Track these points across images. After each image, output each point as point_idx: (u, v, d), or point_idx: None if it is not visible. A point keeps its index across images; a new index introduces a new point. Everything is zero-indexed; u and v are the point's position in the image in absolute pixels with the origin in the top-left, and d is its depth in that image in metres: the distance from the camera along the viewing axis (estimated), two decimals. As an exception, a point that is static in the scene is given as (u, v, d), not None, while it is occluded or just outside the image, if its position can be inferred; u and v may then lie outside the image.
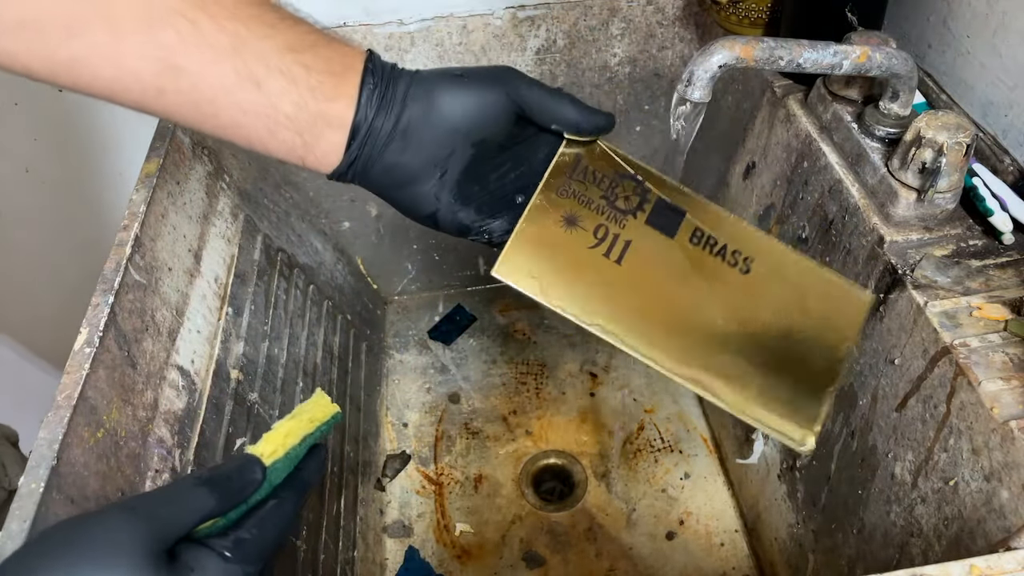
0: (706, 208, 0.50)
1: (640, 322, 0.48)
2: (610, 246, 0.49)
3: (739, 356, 0.48)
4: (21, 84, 0.91)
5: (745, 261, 0.49)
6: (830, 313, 0.49)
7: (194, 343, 0.62)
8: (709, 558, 0.81)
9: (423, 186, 0.47)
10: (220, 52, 0.40)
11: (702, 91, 0.53)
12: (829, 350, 0.49)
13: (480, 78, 0.46)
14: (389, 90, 0.45)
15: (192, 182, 0.68)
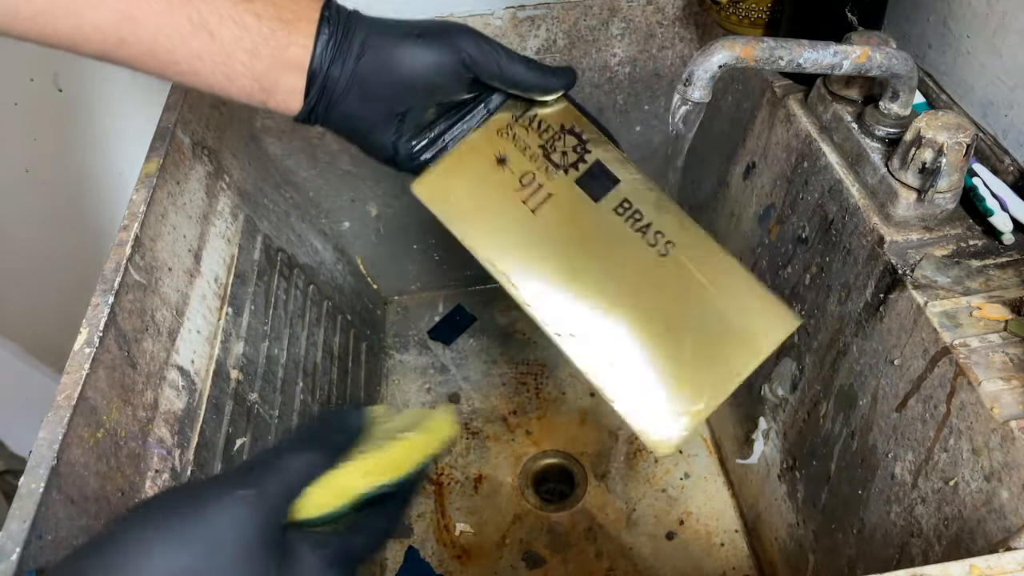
0: (647, 189, 0.49)
1: (533, 270, 0.48)
2: (531, 194, 0.50)
3: (623, 333, 0.46)
4: (21, 84, 0.91)
5: (666, 245, 0.48)
6: (748, 326, 0.46)
7: (194, 343, 0.62)
8: (709, 558, 0.81)
9: (381, 135, 0.49)
10: (173, 2, 0.43)
11: (702, 91, 0.53)
12: (731, 363, 0.46)
13: (436, 36, 0.47)
14: (346, 40, 0.46)
15: (192, 182, 0.68)
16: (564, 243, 0.49)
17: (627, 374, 0.45)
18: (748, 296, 0.46)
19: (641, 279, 0.47)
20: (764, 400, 0.74)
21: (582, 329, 0.47)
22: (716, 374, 0.46)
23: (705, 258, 0.47)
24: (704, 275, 0.46)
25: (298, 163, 0.90)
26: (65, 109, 0.94)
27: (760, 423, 0.75)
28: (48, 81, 0.91)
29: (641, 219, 0.48)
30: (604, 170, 0.49)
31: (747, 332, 0.44)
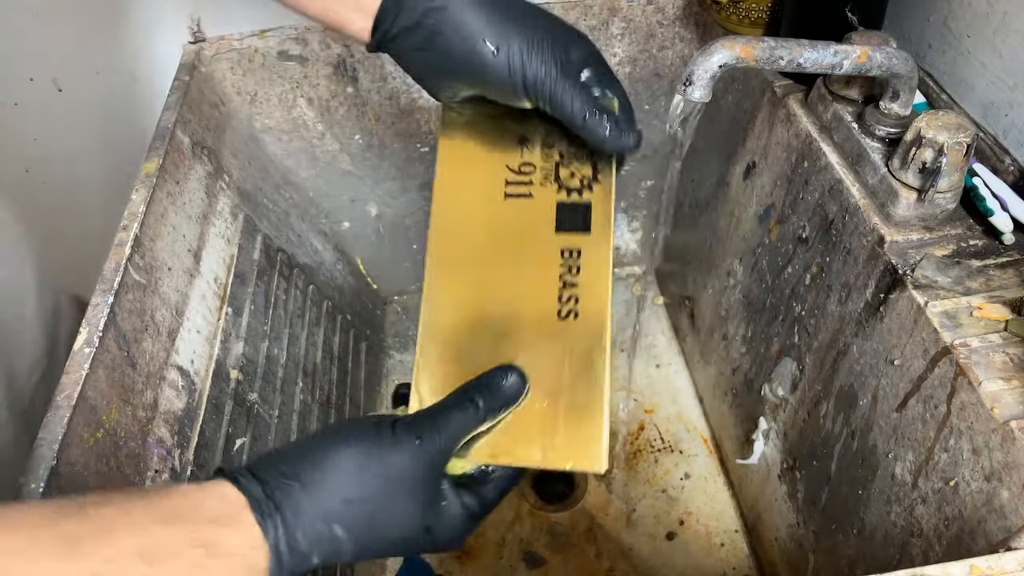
0: (602, 257, 0.47)
1: (454, 247, 0.48)
2: (517, 182, 0.49)
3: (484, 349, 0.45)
4: (21, 84, 0.91)
5: (570, 313, 0.46)
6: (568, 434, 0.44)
7: (194, 343, 0.62)
8: (709, 558, 0.80)
9: (431, 85, 0.49)
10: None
11: (702, 91, 0.53)
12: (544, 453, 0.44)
13: (499, 43, 0.46)
14: (416, 10, 0.46)
15: (192, 182, 0.68)
16: (500, 242, 0.48)
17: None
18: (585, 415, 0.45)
19: (530, 321, 0.46)
20: (764, 400, 0.74)
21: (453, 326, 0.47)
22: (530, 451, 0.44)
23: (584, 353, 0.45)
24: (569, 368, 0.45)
25: (298, 163, 0.90)
26: (65, 109, 0.94)
27: (760, 423, 0.75)
28: (48, 81, 0.91)
29: (573, 274, 0.47)
30: (586, 214, 0.48)
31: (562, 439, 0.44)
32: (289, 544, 0.35)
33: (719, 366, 0.86)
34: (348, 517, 0.37)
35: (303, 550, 0.36)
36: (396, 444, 0.38)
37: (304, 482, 0.36)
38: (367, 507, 0.37)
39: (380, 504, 0.38)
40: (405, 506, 0.38)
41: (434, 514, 0.39)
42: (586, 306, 0.45)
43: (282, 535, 0.35)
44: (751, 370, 0.78)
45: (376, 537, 0.38)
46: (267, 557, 0.35)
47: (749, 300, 0.78)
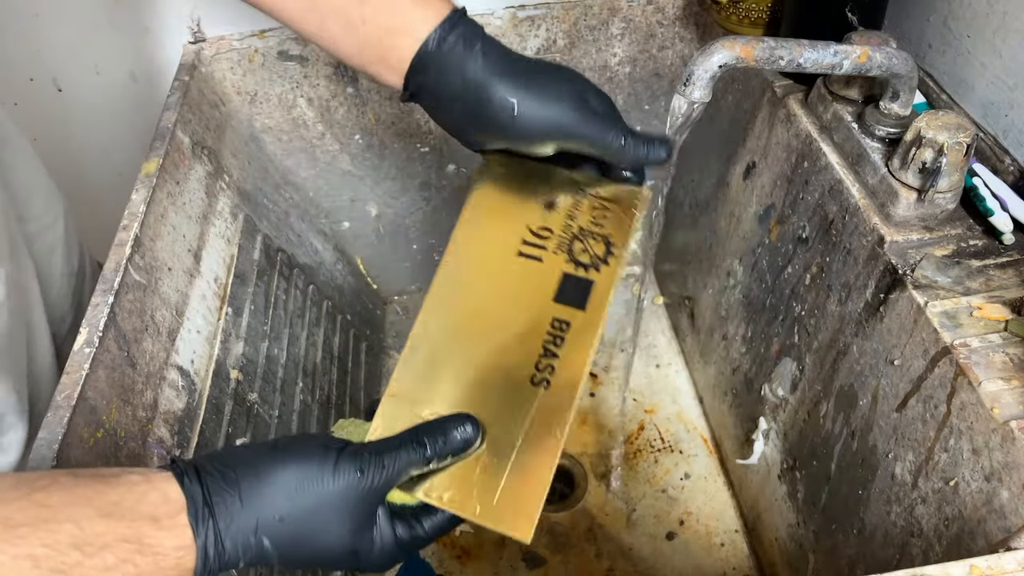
0: (590, 336, 0.48)
1: (453, 288, 0.50)
2: (533, 244, 0.50)
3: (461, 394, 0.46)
4: (21, 84, 0.91)
5: (543, 382, 0.47)
6: (507, 500, 0.44)
7: (194, 343, 0.62)
8: (709, 558, 0.80)
9: (460, 134, 0.52)
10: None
11: (702, 91, 0.53)
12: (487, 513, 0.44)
13: (536, 100, 0.49)
14: (465, 37, 0.49)
15: (192, 182, 0.68)
16: (500, 295, 0.50)
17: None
18: (527, 485, 0.45)
19: (504, 377, 0.47)
20: (764, 400, 0.74)
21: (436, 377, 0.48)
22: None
23: (544, 423, 0.46)
24: (527, 433, 0.46)
25: (298, 163, 0.90)
26: (65, 109, 0.94)
27: (760, 423, 0.75)
28: (48, 81, 0.91)
29: (557, 345, 0.48)
30: (586, 292, 0.49)
31: (499, 501, 0.44)
32: (216, 550, 0.38)
33: (719, 366, 0.86)
34: (278, 533, 0.39)
35: (229, 556, 0.39)
36: (337, 473, 0.40)
37: (243, 493, 0.39)
38: (297, 526, 0.40)
39: (311, 526, 0.40)
40: (335, 530, 0.41)
41: (362, 541, 0.42)
42: (559, 378, 0.46)
43: (211, 541, 0.38)
44: (751, 370, 0.78)
45: (301, 553, 0.40)
46: (193, 559, 0.38)
47: (749, 300, 0.78)
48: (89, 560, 0.35)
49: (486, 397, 0.46)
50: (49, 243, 0.70)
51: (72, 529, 0.35)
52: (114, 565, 0.36)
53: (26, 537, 0.34)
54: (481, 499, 0.44)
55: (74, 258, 0.74)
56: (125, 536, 0.36)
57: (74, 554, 0.35)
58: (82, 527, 0.35)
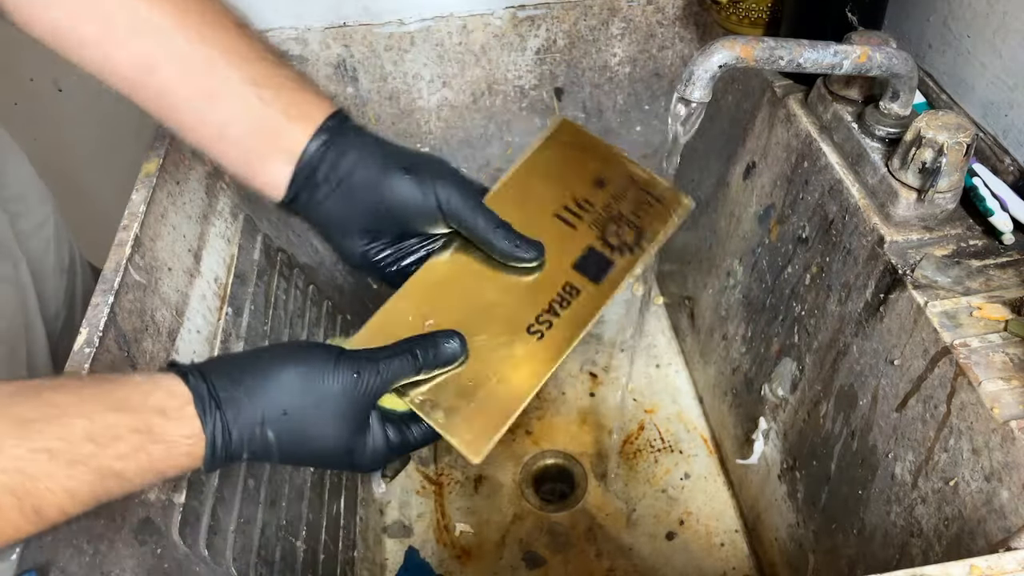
0: (593, 307, 0.51)
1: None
2: (569, 211, 0.54)
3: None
4: (21, 84, 0.91)
5: (537, 333, 0.50)
6: (469, 418, 0.48)
7: (194, 343, 0.62)
8: (709, 558, 0.81)
9: (352, 243, 0.53)
10: (191, 67, 0.48)
11: (702, 91, 0.53)
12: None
13: (420, 177, 0.51)
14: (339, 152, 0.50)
15: (192, 182, 0.68)
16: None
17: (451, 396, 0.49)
18: (493, 412, 0.48)
19: (503, 317, 0.50)
20: (764, 400, 0.74)
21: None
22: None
23: (526, 367, 0.49)
24: (506, 370, 0.49)
25: (298, 163, 0.90)
26: (65, 109, 0.94)
27: (760, 423, 0.75)
28: (48, 81, 0.91)
29: (561, 307, 0.51)
30: (604, 269, 0.52)
31: (462, 417, 0.48)
32: (224, 439, 0.40)
33: (719, 366, 0.86)
34: (281, 426, 0.41)
35: (235, 446, 0.40)
36: (336, 372, 0.43)
37: (247, 388, 0.41)
38: (299, 421, 0.42)
39: (311, 420, 0.42)
40: (333, 427, 0.43)
41: (357, 440, 0.44)
42: (554, 335, 0.50)
43: (219, 430, 0.40)
44: (751, 370, 0.78)
45: (302, 448, 0.43)
46: (203, 447, 0.40)
47: (749, 300, 0.78)
48: (103, 450, 0.37)
49: (482, 326, 0.50)
50: (41, 241, 0.71)
51: (84, 423, 0.37)
52: (127, 453, 0.37)
53: (42, 431, 0.35)
54: (448, 412, 0.47)
55: (65, 255, 0.74)
56: (136, 427, 0.38)
57: (88, 446, 0.36)
58: (93, 420, 0.37)
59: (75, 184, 1.02)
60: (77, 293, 0.75)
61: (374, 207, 0.51)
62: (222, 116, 0.49)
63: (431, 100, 0.88)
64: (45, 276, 0.70)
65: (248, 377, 0.41)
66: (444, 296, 0.51)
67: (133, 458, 0.38)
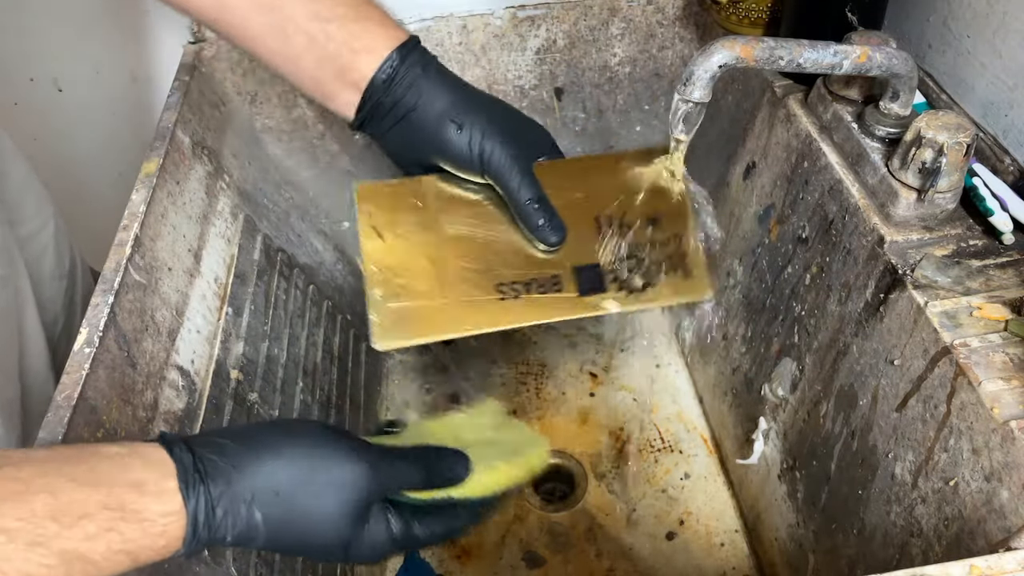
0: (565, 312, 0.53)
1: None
2: (602, 223, 0.55)
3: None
4: (21, 84, 0.91)
5: (513, 296, 0.52)
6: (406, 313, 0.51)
7: (194, 343, 0.62)
8: (709, 558, 0.80)
9: (413, 170, 0.56)
10: (260, 5, 0.51)
11: (702, 91, 0.53)
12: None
13: (470, 132, 0.53)
14: (403, 88, 0.52)
15: (192, 182, 0.68)
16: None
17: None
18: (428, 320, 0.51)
19: (480, 266, 0.52)
20: (764, 400, 0.74)
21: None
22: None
23: (482, 307, 0.51)
24: (462, 301, 0.52)
25: (298, 163, 0.90)
26: (65, 109, 0.94)
27: (760, 423, 0.75)
28: (48, 81, 0.91)
29: (538, 290, 0.52)
30: (595, 289, 0.53)
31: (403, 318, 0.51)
32: (207, 517, 0.36)
33: (719, 366, 0.86)
34: (272, 508, 0.37)
35: (219, 526, 0.36)
36: (346, 456, 0.39)
37: (238, 461, 0.37)
38: (294, 505, 0.38)
39: (308, 507, 0.38)
40: (332, 517, 0.39)
41: (356, 532, 0.40)
42: (511, 306, 0.51)
43: (202, 506, 0.36)
44: (751, 370, 0.78)
45: (293, 537, 0.38)
46: (184, 526, 0.35)
47: (749, 300, 0.78)
48: (68, 531, 0.33)
49: (467, 253, 0.51)
50: (40, 246, 0.71)
51: (47, 499, 0.33)
52: (96, 534, 0.33)
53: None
54: (388, 295, 0.50)
55: (65, 260, 0.74)
56: (105, 503, 0.34)
57: (51, 525, 0.32)
58: (57, 496, 0.33)
59: (75, 184, 1.02)
60: (77, 298, 0.75)
61: (427, 148, 0.53)
62: (293, 50, 0.52)
63: (431, 100, 0.88)
64: (43, 281, 0.70)
65: (241, 450, 0.38)
66: (456, 214, 0.53)
67: (102, 539, 0.33)
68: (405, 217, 0.54)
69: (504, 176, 0.52)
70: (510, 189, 0.52)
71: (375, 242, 0.53)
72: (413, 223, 0.54)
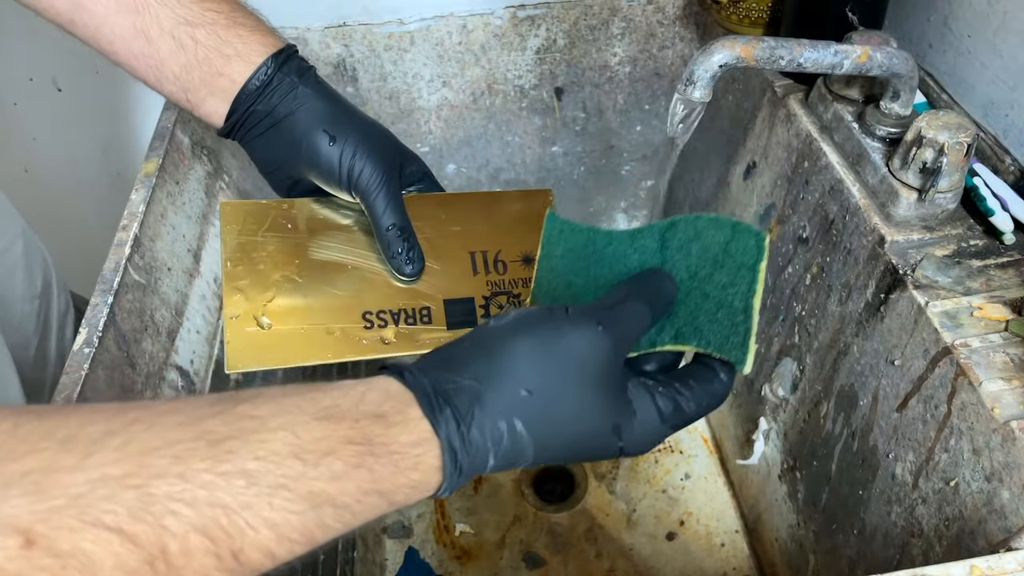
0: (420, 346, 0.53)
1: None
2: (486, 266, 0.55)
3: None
4: (21, 84, 0.91)
5: (379, 328, 0.52)
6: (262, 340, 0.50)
7: (193, 343, 0.62)
8: (709, 559, 0.80)
9: (277, 182, 0.55)
10: (121, 3, 0.48)
11: (703, 91, 0.53)
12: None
13: (340, 146, 0.51)
14: (276, 97, 0.51)
15: (191, 182, 0.68)
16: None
17: None
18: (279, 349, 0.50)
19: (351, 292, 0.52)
20: (764, 400, 0.74)
21: None
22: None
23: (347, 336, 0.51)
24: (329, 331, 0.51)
25: (298, 163, 0.90)
26: (65, 109, 0.94)
27: (760, 423, 0.75)
28: (48, 81, 0.91)
29: (407, 321, 0.51)
30: (468, 324, 0.52)
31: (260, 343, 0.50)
32: (464, 441, 0.32)
33: (719, 366, 0.86)
34: (530, 411, 0.33)
35: (478, 448, 0.32)
36: (576, 328, 0.34)
37: (476, 374, 0.33)
38: (550, 399, 0.33)
39: (565, 396, 0.34)
40: (592, 398, 0.34)
41: (623, 412, 0.35)
42: (374, 335, 0.51)
43: (454, 430, 0.32)
44: (751, 370, 0.77)
45: (559, 434, 0.34)
46: (439, 455, 0.32)
47: (749, 300, 0.77)
48: (313, 470, 0.29)
49: (340, 281, 0.51)
50: (7, 267, 0.67)
51: (287, 437, 0.29)
52: (343, 472, 0.30)
53: (236, 451, 0.28)
54: (246, 315, 0.48)
55: (37, 280, 0.70)
56: (350, 438, 0.30)
57: (294, 464, 0.29)
58: (298, 434, 0.29)
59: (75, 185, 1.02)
60: (52, 320, 0.72)
61: (295, 159, 0.52)
62: (157, 54, 0.50)
63: (431, 100, 0.88)
64: (12, 303, 0.67)
65: (473, 361, 0.34)
66: (326, 238, 0.52)
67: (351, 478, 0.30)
68: (272, 238, 0.52)
69: (370, 196, 0.50)
70: (375, 211, 0.50)
71: (237, 263, 0.51)
72: (280, 245, 0.52)
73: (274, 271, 0.51)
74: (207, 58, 0.50)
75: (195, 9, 0.49)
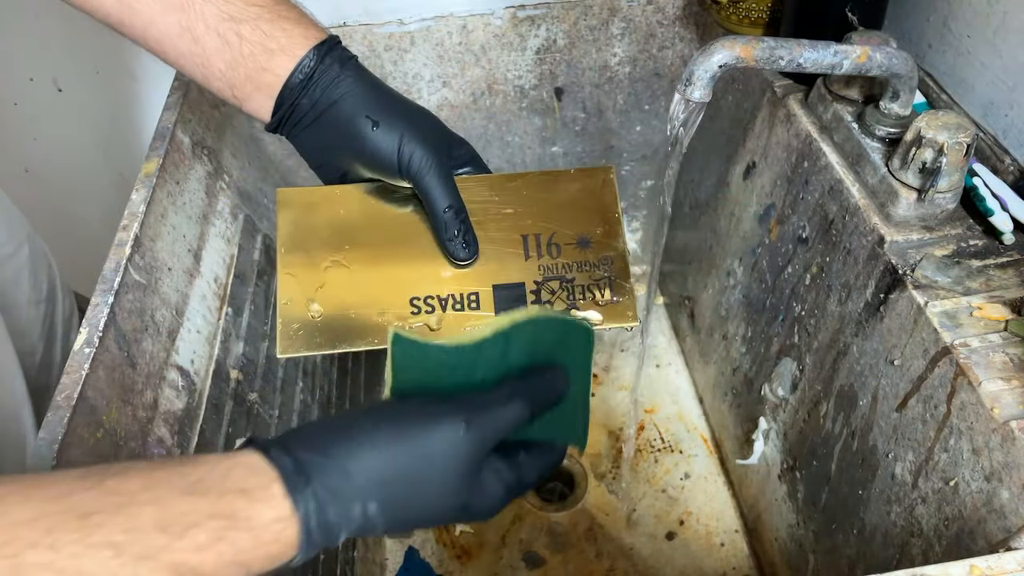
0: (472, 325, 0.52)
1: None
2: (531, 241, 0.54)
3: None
4: (21, 84, 0.91)
5: (427, 313, 0.51)
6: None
7: (194, 343, 0.62)
8: (709, 558, 0.80)
9: (327, 173, 0.55)
10: (168, 3, 0.49)
11: (702, 91, 0.53)
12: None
13: (388, 134, 0.51)
14: (320, 89, 0.51)
15: (192, 182, 0.68)
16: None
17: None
18: (328, 333, 0.50)
19: (402, 276, 0.52)
20: (764, 400, 0.74)
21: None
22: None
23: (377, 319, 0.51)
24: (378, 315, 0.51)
25: (299, 163, 0.89)
26: (65, 109, 0.94)
27: (760, 423, 0.75)
28: (48, 81, 0.91)
29: (454, 307, 0.51)
30: (516, 304, 0.51)
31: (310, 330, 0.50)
32: (320, 520, 0.34)
33: (719, 366, 0.86)
34: (384, 495, 0.36)
35: (333, 527, 0.35)
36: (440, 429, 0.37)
37: (338, 457, 0.35)
38: (406, 488, 0.36)
39: (420, 487, 0.36)
40: (445, 487, 0.37)
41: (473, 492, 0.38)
42: (424, 319, 0.51)
43: (312, 511, 0.34)
44: (751, 370, 0.78)
45: (412, 517, 0.37)
46: (296, 532, 0.34)
47: (749, 300, 0.78)
48: (178, 542, 0.31)
49: (392, 262, 0.50)
50: (13, 271, 0.67)
51: (153, 511, 0.31)
52: (207, 544, 0.31)
53: (104, 524, 0.30)
54: (296, 306, 0.49)
55: (42, 284, 0.70)
56: (214, 512, 0.32)
57: (159, 537, 0.31)
58: (164, 508, 0.31)
59: (75, 185, 1.02)
60: (57, 324, 0.72)
61: (343, 150, 0.51)
62: (203, 52, 0.50)
63: (431, 100, 0.88)
64: (18, 308, 0.67)
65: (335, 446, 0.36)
66: (377, 225, 0.52)
67: (213, 549, 0.31)
68: (326, 225, 0.52)
69: (424, 179, 0.50)
70: (429, 194, 0.50)
71: (291, 250, 0.51)
72: (333, 232, 0.52)
73: (325, 257, 0.51)
74: (251, 54, 0.50)
75: (239, 5, 0.50)
